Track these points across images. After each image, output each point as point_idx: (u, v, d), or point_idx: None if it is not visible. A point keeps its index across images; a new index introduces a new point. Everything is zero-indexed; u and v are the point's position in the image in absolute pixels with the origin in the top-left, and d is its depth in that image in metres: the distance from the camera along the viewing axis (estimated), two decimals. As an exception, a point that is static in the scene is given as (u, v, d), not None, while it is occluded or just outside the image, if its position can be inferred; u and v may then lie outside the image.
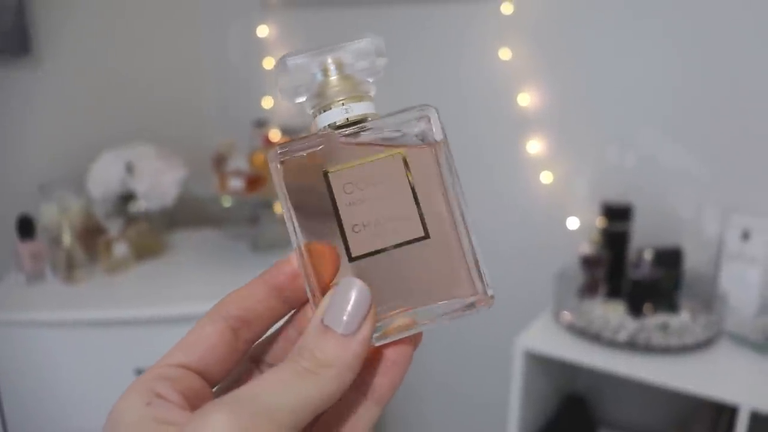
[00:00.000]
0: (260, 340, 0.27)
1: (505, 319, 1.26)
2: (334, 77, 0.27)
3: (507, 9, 1.24)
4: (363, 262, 0.25)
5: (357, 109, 0.26)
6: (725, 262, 1.09)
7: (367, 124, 0.26)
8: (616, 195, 1.18)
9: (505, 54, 1.26)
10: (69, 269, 1.21)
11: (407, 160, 0.26)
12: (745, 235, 1.07)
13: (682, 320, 1.05)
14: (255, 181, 1.28)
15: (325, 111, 0.27)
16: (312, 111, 0.27)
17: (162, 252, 1.38)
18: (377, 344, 0.25)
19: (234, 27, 1.61)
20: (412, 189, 0.26)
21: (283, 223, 0.29)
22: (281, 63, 0.27)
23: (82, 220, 1.28)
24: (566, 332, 1.10)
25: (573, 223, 1.26)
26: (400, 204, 0.26)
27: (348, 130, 0.26)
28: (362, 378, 0.25)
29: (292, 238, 0.26)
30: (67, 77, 1.41)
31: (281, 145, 0.26)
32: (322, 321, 0.23)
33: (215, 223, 1.55)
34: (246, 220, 1.43)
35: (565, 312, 1.11)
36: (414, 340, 0.26)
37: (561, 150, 1.27)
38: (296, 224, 0.25)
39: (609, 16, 1.18)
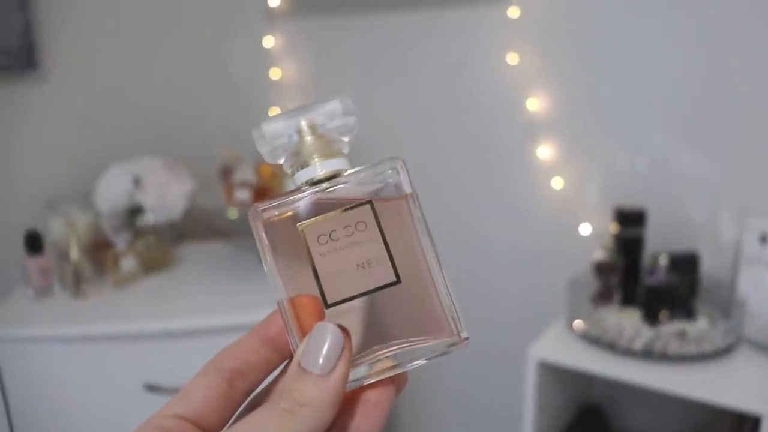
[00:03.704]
0: (258, 390, 0.28)
1: (517, 328, 1.24)
2: (308, 137, 0.29)
3: (513, 13, 1.23)
4: (340, 308, 0.27)
5: (330, 166, 0.28)
6: (743, 267, 1.06)
7: (340, 179, 0.28)
8: (629, 200, 1.16)
9: (512, 59, 1.25)
10: (77, 284, 1.20)
11: (377, 210, 0.28)
12: (764, 239, 1.04)
13: (700, 327, 1.02)
14: (262, 192, 1.27)
15: (301, 169, 0.29)
16: (290, 170, 0.29)
17: (170, 265, 1.37)
18: (363, 385, 0.27)
19: (239, 38, 1.61)
20: (383, 237, 0.27)
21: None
22: (258, 131, 0.29)
23: (90, 234, 1.28)
24: (580, 341, 1.08)
25: (585, 229, 1.24)
26: (371, 252, 0.27)
27: (323, 186, 0.28)
28: (346, 420, 0.26)
29: (276, 292, 0.27)
30: (73, 92, 1.41)
31: (261, 203, 0.28)
32: (299, 364, 0.25)
33: (223, 236, 1.54)
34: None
35: (579, 320, 1.09)
36: (397, 383, 0.27)
37: (572, 155, 1.25)
38: (279, 279, 0.27)
39: (617, 18, 1.17)
